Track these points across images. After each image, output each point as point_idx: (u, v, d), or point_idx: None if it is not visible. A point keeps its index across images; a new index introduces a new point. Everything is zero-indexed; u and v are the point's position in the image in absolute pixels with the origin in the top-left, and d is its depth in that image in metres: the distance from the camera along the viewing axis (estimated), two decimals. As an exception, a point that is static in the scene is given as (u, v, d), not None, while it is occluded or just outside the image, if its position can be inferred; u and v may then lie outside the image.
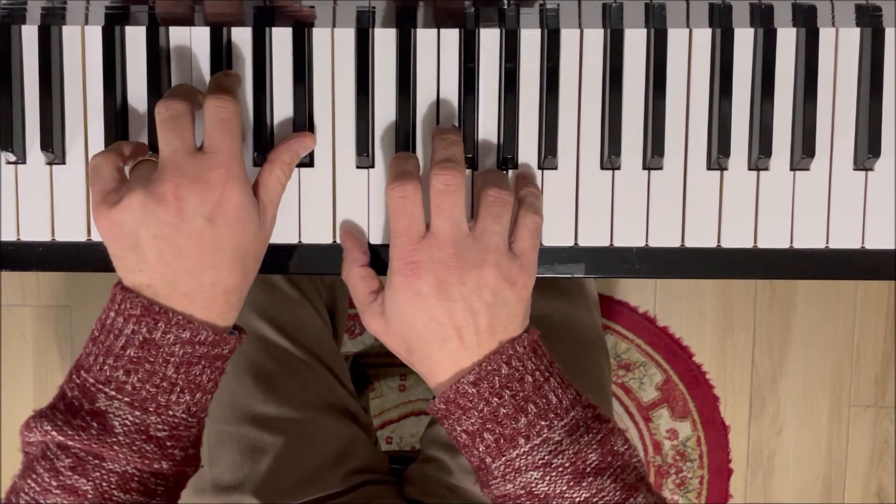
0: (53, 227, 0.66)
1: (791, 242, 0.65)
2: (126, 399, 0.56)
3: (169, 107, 0.58)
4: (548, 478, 0.55)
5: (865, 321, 1.51)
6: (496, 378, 0.56)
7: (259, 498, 0.79)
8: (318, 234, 0.66)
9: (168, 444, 0.57)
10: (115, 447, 0.55)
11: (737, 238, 0.65)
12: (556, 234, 0.65)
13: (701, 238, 0.65)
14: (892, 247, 0.65)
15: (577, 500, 0.55)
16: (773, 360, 1.52)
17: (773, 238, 0.65)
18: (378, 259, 0.65)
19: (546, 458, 0.55)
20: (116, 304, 0.57)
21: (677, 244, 0.66)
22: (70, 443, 0.55)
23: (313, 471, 0.81)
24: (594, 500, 0.55)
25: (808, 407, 1.53)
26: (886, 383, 1.52)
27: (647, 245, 0.66)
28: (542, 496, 0.55)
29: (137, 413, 0.56)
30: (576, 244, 0.66)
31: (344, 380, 0.88)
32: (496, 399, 0.56)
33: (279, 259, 0.66)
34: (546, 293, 0.87)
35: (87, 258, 0.66)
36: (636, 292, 1.52)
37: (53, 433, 0.55)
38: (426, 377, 0.59)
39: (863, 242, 0.65)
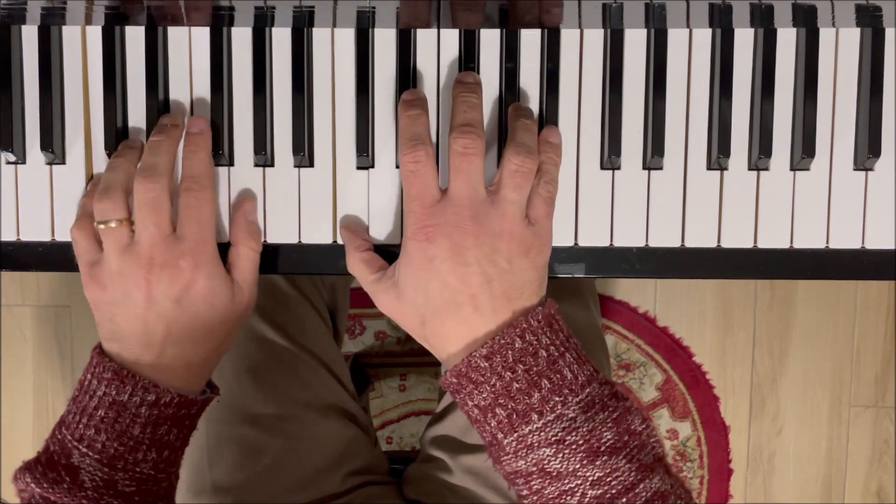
0: (53, 227, 0.66)
1: (791, 242, 0.65)
2: (96, 456, 0.59)
3: (147, 190, 0.60)
4: (560, 455, 0.54)
5: (865, 321, 1.51)
6: (509, 352, 0.55)
7: (258, 499, 0.79)
8: (318, 234, 0.66)
9: (136, 498, 0.60)
10: (85, 501, 0.58)
11: (737, 238, 0.65)
12: (556, 234, 0.65)
13: (701, 238, 0.65)
14: (892, 247, 0.65)
15: (591, 478, 0.54)
16: (773, 360, 1.52)
17: (773, 238, 0.65)
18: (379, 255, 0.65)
19: (559, 434, 0.54)
20: (93, 366, 0.61)
21: (677, 244, 0.66)
22: (47, 495, 0.58)
23: (313, 472, 0.81)
24: (608, 479, 0.54)
25: (808, 407, 1.53)
26: (886, 383, 1.52)
27: (647, 245, 0.66)
28: (554, 473, 0.54)
29: (106, 469, 0.59)
30: (576, 244, 0.66)
31: (344, 380, 0.88)
32: (509, 373, 0.55)
33: (279, 259, 0.66)
34: (549, 292, 0.87)
35: (87, 258, 0.66)
36: (636, 292, 1.52)
37: (33, 485, 0.59)
38: (438, 349, 0.59)
39: (863, 242, 0.65)
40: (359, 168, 0.65)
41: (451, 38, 0.65)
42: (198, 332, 0.61)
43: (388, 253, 0.65)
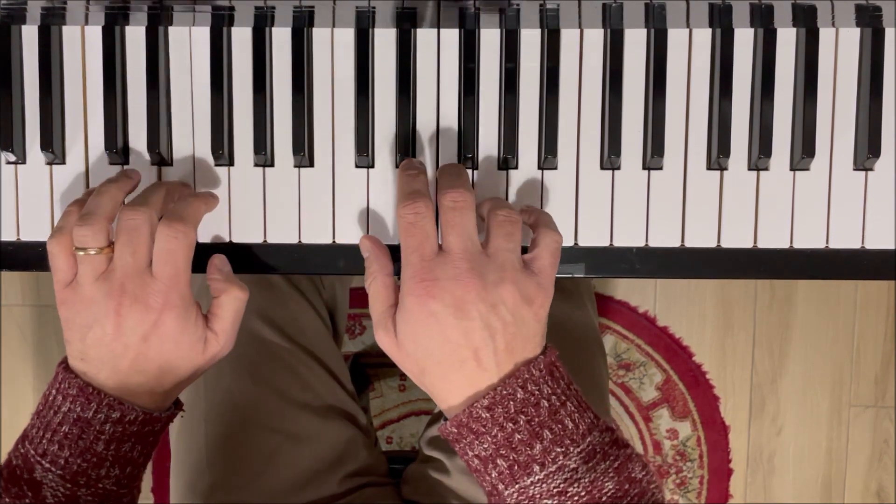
0: (53, 228, 0.66)
1: (791, 242, 0.65)
2: (59, 472, 0.59)
3: (130, 217, 0.59)
4: None
5: (865, 321, 1.51)
6: (511, 403, 0.54)
7: (256, 500, 0.79)
8: (318, 234, 0.66)
9: None
10: None
11: (737, 238, 0.65)
12: (556, 234, 0.65)
13: (701, 238, 0.65)
14: (892, 247, 0.65)
15: None
16: (773, 360, 1.52)
17: (773, 238, 0.65)
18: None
19: (561, 486, 0.54)
20: (58, 382, 0.60)
21: (677, 244, 0.66)
22: None
23: (311, 473, 0.81)
24: None
25: (808, 407, 1.53)
26: (886, 383, 1.52)
27: (647, 245, 0.66)
28: None
29: (69, 485, 0.59)
30: (576, 244, 0.66)
31: (344, 381, 0.88)
32: (511, 424, 0.54)
33: (279, 259, 0.66)
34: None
35: (87, 258, 0.66)
36: (636, 292, 1.52)
37: None
38: (437, 399, 0.58)
39: (863, 242, 0.65)
40: (358, 167, 0.65)
41: (451, 38, 0.65)
42: (162, 369, 0.60)
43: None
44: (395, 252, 0.63)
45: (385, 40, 0.65)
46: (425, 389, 0.59)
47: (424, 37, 0.65)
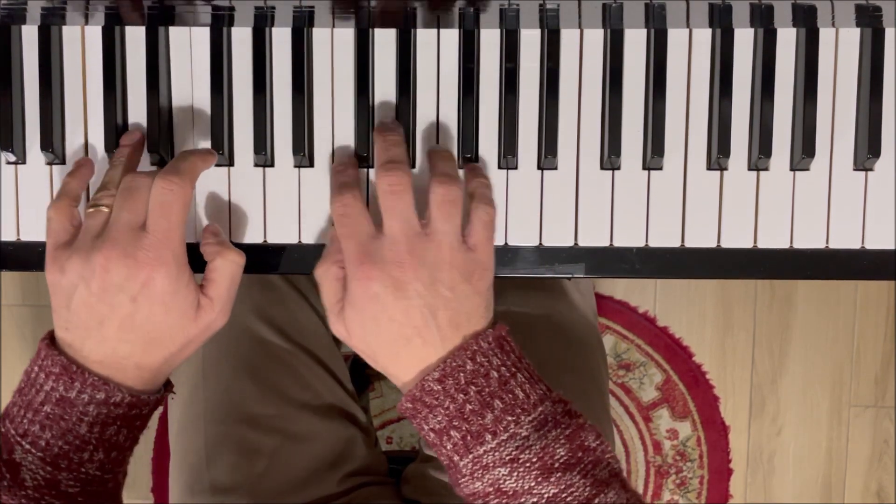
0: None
1: (791, 242, 0.65)
2: (39, 454, 0.57)
3: (132, 179, 0.59)
4: (515, 473, 0.55)
5: (865, 321, 1.51)
6: (461, 374, 0.56)
7: (256, 500, 0.79)
8: (317, 233, 0.66)
9: (79, 499, 0.58)
10: (24, 500, 0.56)
11: (737, 238, 0.65)
12: (556, 234, 0.65)
13: (701, 238, 0.65)
14: (892, 247, 0.65)
15: (546, 495, 0.54)
16: (773, 360, 1.52)
17: (773, 238, 0.65)
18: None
19: (513, 453, 0.55)
20: (41, 359, 0.58)
21: (677, 244, 0.66)
22: None
23: (310, 473, 0.81)
24: (563, 495, 0.54)
25: (808, 407, 1.53)
26: (886, 383, 1.52)
27: (647, 245, 0.66)
28: (510, 493, 0.55)
29: (49, 468, 0.57)
30: (576, 244, 0.66)
31: (343, 380, 0.88)
32: (462, 395, 0.56)
33: (277, 259, 0.66)
34: (541, 292, 0.87)
35: (87, 258, 0.66)
36: (636, 292, 1.52)
37: None
38: (394, 378, 0.59)
39: (863, 242, 0.65)
40: (358, 168, 0.65)
41: (451, 38, 0.65)
42: (152, 334, 0.58)
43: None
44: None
45: (385, 40, 0.65)
46: (382, 371, 0.59)
47: (424, 37, 0.65)
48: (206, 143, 0.65)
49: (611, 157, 0.64)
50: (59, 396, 0.57)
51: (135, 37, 0.65)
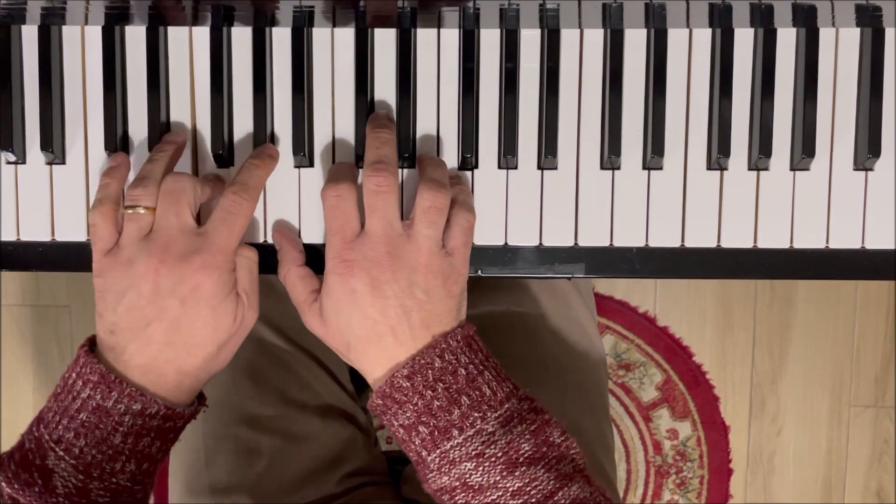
0: (53, 227, 0.66)
1: (791, 242, 0.65)
2: (72, 462, 0.57)
3: (174, 181, 0.60)
4: (481, 468, 0.56)
5: (865, 321, 1.51)
6: (429, 371, 0.57)
7: (255, 500, 0.79)
8: (318, 233, 0.66)
9: None
10: None
11: (737, 238, 0.65)
12: (556, 233, 0.65)
13: (701, 238, 0.65)
14: (892, 247, 0.65)
15: (511, 489, 0.56)
16: (773, 360, 1.52)
17: (773, 238, 0.65)
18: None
19: (479, 448, 0.56)
20: (79, 366, 0.59)
21: (677, 244, 0.66)
22: (16, 496, 0.56)
23: (309, 473, 0.81)
24: (527, 489, 0.56)
25: (808, 407, 1.53)
26: (886, 383, 1.52)
27: (647, 245, 0.66)
28: (476, 487, 0.56)
29: (81, 477, 0.57)
30: (576, 244, 0.66)
31: (343, 381, 0.88)
32: (430, 392, 0.57)
33: (277, 259, 0.66)
34: (539, 292, 0.87)
35: (87, 258, 0.66)
36: (636, 292, 1.52)
37: (3, 484, 0.57)
38: (365, 374, 0.60)
39: (863, 242, 0.65)
40: (358, 167, 0.65)
41: (451, 38, 0.65)
42: (196, 337, 0.59)
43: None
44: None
45: (385, 40, 0.65)
46: (353, 365, 0.61)
47: (424, 37, 0.65)
48: (206, 143, 0.65)
49: (611, 157, 0.64)
50: (96, 405, 0.58)
51: (135, 37, 0.65)
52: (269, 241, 0.66)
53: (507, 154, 0.65)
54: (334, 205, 0.59)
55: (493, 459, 0.56)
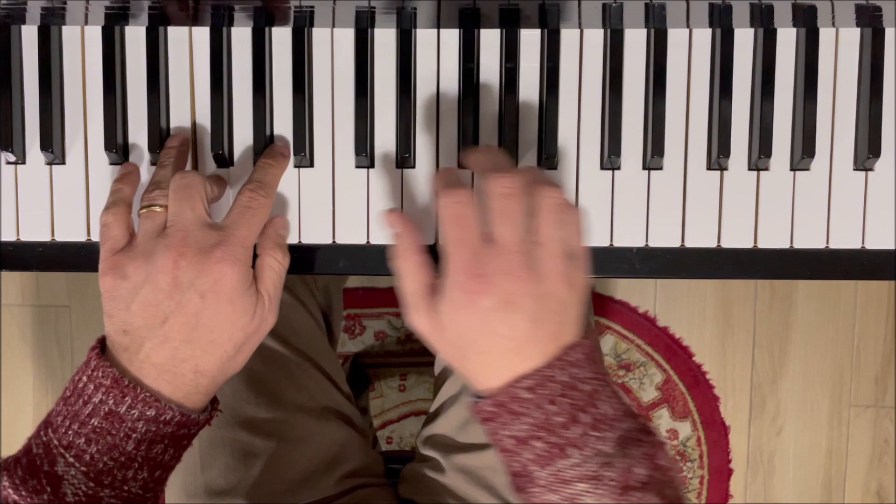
0: (53, 227, 0.66)
1: (791, 242, 0.65)
2: (83, 468, 0.55)
3: (183, 177, 0.60)
4: (597, 490, 0.53)
5: (865, 321, 1.51)
6: (552, 385, 0.54)
7: (252, 502, 0.79)
8: (318, 234, 0.66)
9: None
10: None
11: (737, 238, 0.65)
12: (556, 234, 0.65)
13: (701, 238, 0.65)
14: (892, 247, 0.65)
15: None
16: (773, 360, 1.52)
17: (773, 238, 0.65)
18: (375, 259, 0.66)
19: (596, 470, 0.53)
20: (90, 369, 0.57)
21: (677, 244, 0.66)
22: (23, 503, 0.54)
23: (306, 475, 0.80)
24: None
25: (808, 407, 1.53)
26: (886, 383, 1.52)
27: (647, 245, 0.66)
28: None
29: (91, 485, 0.55)
30: (576, 244, 0.66)
31: (339, 382, 0.87)
32: (552, 406, 0.54)
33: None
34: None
35: (87, 258, 0.66)
36: (636, 292, 1.52)
37: (10, 490, 0.55)
38: (476, 382, 0.57)
39: (863, 242, 0.65)
40: (358, 168, 0.65)
41: (451, 38, 0.65)
42: (214, 334, 0.58)
43: (384, 253, 0.65)
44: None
45: (385, 40, 0.65)
46: (460, 370, 0.57)
47: (424, 37, 0.65)
48: (206, 144, 0.65)
49: (611, 157, 0.64)
50: (108, 410, 0.56)
51: (135, 37, 0.65)
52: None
53: (507, 154, 0.64)
54: (456, 212, 0.55)
55: (609, 483, 0.53)
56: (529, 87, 0.65)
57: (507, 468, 0.57)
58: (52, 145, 0.65)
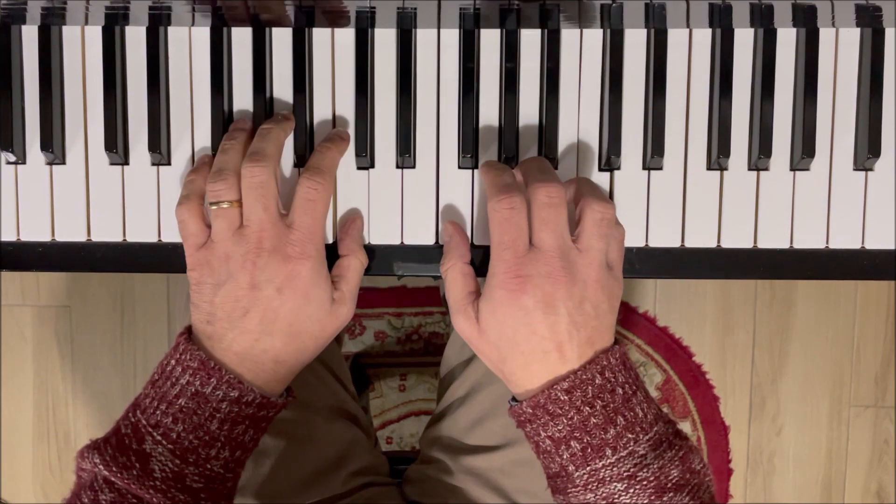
0: (53, 227, 0.66)
1: (791, 242, 0.65)
2: (169, 446, 0.58)
3: (254, 174, 0.60)
4: (632, 490, 0.56)
5: (865, 321, 1.51)
6: (590, 388, 0.57)
7: (261, 500, 0.79)
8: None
9: (202, 495, 0.59)
10: (152, 491, 0.57)
11: (737, 238, 0.65)
12: (556, 234, 0.65)
13: (701, 238, 0.65)
14: (892, 247, 0.65)
15: None
16: (773, 360, 1.52)
17: (773, 238, 0.65)
18: (375, 259, 0.66)
19: (631, 470, 0.56)
20: (178, 353, 0.60)
21: (677, 244, 0.66)
22: (113, 479, 0.57)
23: (314, 473, 0.81)
24: None
25: (808, 407, 1.53)
26: (886, 383, 1.52)
27: (647, 245, 0.66)
28: None
29: (177, 461, 0.58)
30: (576, 244, 0.66)
31: (345, 381, 0.88)
32: (588, 408, 0.56)
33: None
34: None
35: (87, 258, 0.66)
36: (636, 292, 1.52)
37: (101, 467, 0.57)
38: (513, 384, 0.60)
39: (863, 242, 0.65)
40: (358, 169, 0.65)
41: (451, 38, 0.65)
42: (293, 326, 0.60)
43: (384, 253, 0.65)
44: (387, 254, 0.63)
45: (385, 40, 0.65)
46: (500, 374, 0.60)
47: (424, 37, 0.65)
48: (206, 144, 0.65)
49: (611, 157, 0.64)
50: (195, 391, 0.58)
51: (135, 37, 0.65)
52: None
53: (507, 155, 0.65)
54: (507, 217, 0.58)
55: (644, 483, 0.56)
56: (529, 87, 0.65)
57: (546, 470, 0.59)
58: (53, 145, 0.65)
